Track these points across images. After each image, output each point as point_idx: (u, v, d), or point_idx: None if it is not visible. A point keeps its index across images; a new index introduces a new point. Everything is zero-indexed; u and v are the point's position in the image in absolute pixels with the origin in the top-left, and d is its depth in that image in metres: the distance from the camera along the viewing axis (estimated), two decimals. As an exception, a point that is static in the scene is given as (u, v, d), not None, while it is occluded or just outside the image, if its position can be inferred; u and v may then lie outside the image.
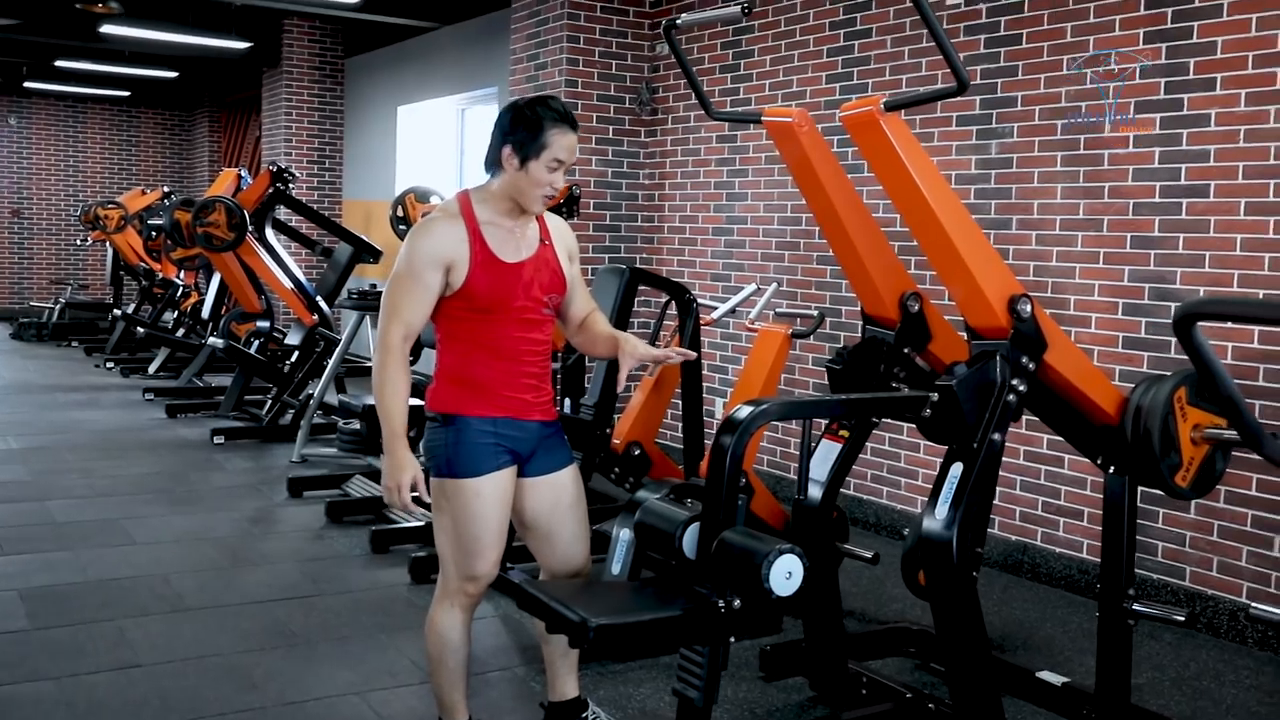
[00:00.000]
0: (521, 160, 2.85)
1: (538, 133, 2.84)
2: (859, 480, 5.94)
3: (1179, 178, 4.48)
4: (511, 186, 2.89)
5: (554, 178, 2.88)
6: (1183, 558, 4.51)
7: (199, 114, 16.17)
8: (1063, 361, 3.13)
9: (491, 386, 2.92)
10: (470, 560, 2.98)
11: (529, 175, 2.86)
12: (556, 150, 2.86)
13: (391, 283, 2.89)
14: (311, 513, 5.76)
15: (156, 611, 4.28)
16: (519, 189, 2.88)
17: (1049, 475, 5.00)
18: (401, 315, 2.87)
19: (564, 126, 2.87)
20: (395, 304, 2.87)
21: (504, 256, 2.90)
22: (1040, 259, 5.02)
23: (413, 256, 2.86)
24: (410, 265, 2.86)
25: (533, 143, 2.84)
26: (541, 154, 2.84)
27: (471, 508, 2.93)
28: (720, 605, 2.81)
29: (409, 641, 4.05)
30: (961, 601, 2.98)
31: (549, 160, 2.85)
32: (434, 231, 2.89)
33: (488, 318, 2.90)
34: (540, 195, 2.89)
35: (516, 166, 2.86)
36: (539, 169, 2.85)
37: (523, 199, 2.90)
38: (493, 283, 2.88)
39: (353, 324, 6.91)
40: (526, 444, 2.98)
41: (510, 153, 2.86)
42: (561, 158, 2.87)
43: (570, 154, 2.90)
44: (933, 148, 5.45)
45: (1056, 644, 4.25)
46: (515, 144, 2.85)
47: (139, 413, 8.56)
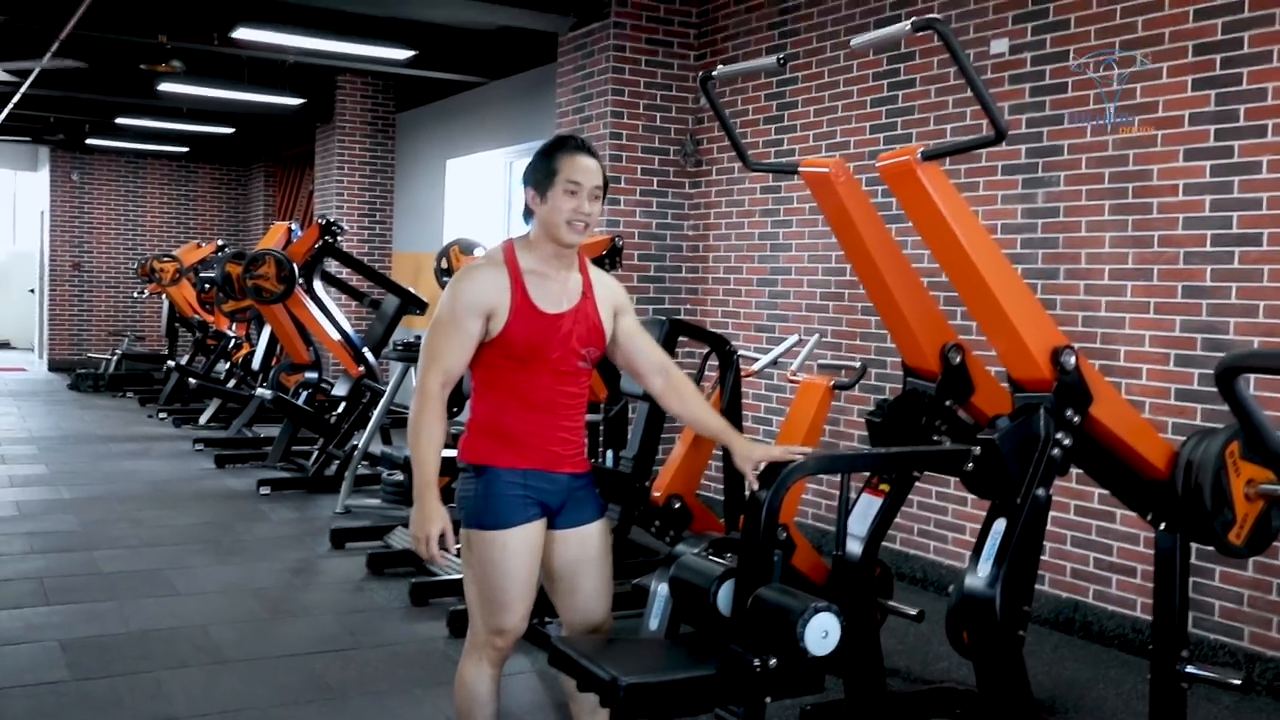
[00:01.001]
0: (541, 194, 2.87)
1: (548, 162, 2.88)
2: (905, 534, 5.83)
3: (1230, 226, 4.39)
4: (544, 224, 2.89)
5: (577, 202, 2.85)
6: (1241, 617, 4.36)
7: (254, 169, 16.48)
8: (1109, 414, 3.06)
9: (523, 438, 2.90)
10: (497, 614, 2.94)
11: (550, 205, 2.86)
12: (569, 172, 2.85)
13: (432, 329, 2.89)
14: (353, 564, 5.75)
15: (195, 663, 4.27)
16: (549, 223, 2.87)
17: (1100, 530, 4.88)
18: (441, 361, 2.86)
19: (574, 152, 2.89)
20: (435, 350, 2.87)
21: (544, 307, 2.89)
22: (1089, 309, 4.93)
23: (454, 302, 2.86)
24: (452, 311, 2.86)
25: (545, 173, 2.87)
26: (555, 180, 2.85)
27: (498, 560, 2.89)
28: (755, 665, 2.75)
29: (444, 697, 4.00)
30: (1006, 661, 2.89)
31: (565, 184, 2.84)
32: (476, 278, 2.89)
33: (524, 367, 2.88)
34: (566, 223, 2.85)
35: (539, 202, 2.88)
36: (558, 196, 2.84)
37: (554, 232, 2.87)
38: (531, 332, 2.86)
39: (397, 375, 6.94)
40: (556, 496, 2.95)
41: (532, 194, 2.90)
42: (578, 179, 2.85)
43: (587, 175, 2.87)
44: (978, 197, 5.40)
45: (1109, 706, 4.11)
46: (534, 182, 2.90)
47: (189, 463, 8.64)
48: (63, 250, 15.93)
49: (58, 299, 15.92)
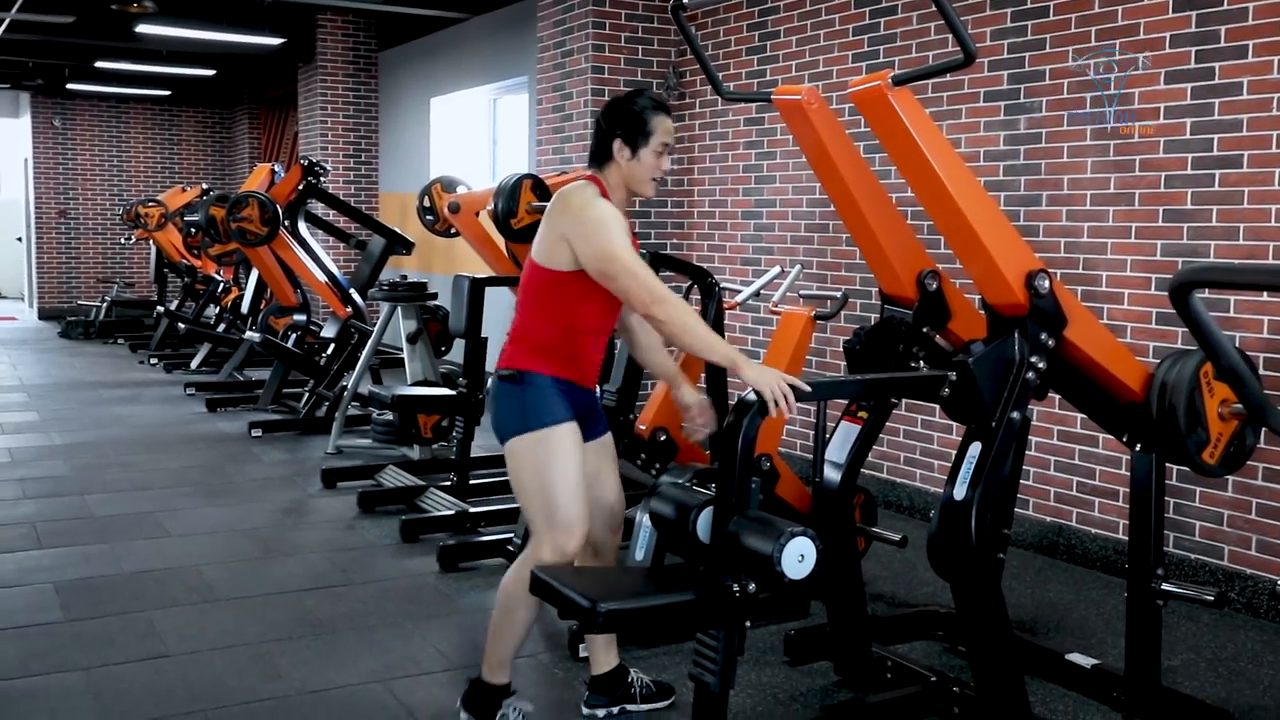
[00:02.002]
0: (633, 149, 3.06)
1: (643, 122, 3.07)
2: (891, 463, 5.88)
3: (1211, 149, 4.38)
4: (628, 176, 3.10)
5: (662, 162, 3.12)
6: (1221, 536, 4.42)
7: (238, 111, 16.33)
8: (1084, 337, 3.07)
9: (570, 354, 3.10)
10: (565, 508, 3.04)
11: (641, 162, 3.08)
12: (661, 134, 3.09)
13: (617, 246, 2.92)
14: (344, 503, 5.80)
15: (187, 603, 4.32)
16: (634, 177, 3.10)
17: (1083, 455, 4.92)
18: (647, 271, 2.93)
19: (662, 112, 3.11)
20: (638, 266, 2.92)
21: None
22: (1071, 235, 4.93)
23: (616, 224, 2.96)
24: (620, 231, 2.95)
25: (640, 130, 3.06)
26: (651, 139, 3.07)
27: (557, 453, 3.03)
28: (735, 590, 2.79)
29: (435, 630, 4.06)
30: (981, 582, 2.93)
31: (657, 145, 3.08)
32: (616, 212, 3.02)
33: (603, 296, 3.04)
34: (651, 180, 3.12)
35: (629, 157, 3.08)
36: (649, 155, 3.08)
37: (637, 186, 3.12)
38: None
39: (385, 315, 6.94)
40: (582, 408, 3.14)
41: (620, 145, 3.08)
42: (667, 140, 3.11)
43: (671, 136, 3.14)
44: (961, 124, 5.37)
45: (1090, 626, 4.18)
46: (624, 135, 3.07)
47: (180, 407, 8.66)
48: (48, 198, 15.83)
49: (45, 247, 15.85)
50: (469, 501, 5.61)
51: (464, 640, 4.00)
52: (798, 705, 3.47)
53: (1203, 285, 1.82)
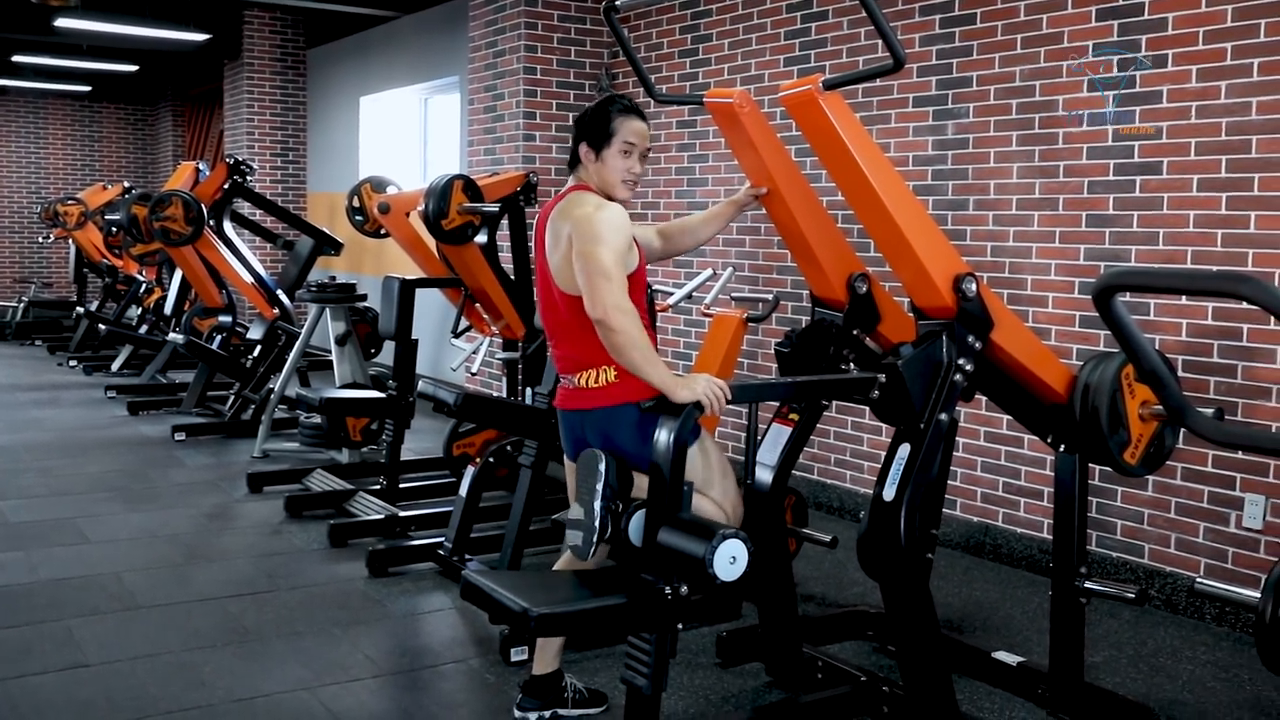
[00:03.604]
0: (596, 151, 3.10)
1: (605, 122, 3.10)
2: (822, 465, 5.92)
3: (1132, 155, 4.47)
4: (599, 180, 3.12)
5: (629, 163, 3.11)
6: (1141, 535, 4.51)
7: (161, 108, 16.00)
8: (1010, 340, 3.12)
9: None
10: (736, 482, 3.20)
11: (605, 164, 3.10)
12: (625, 134, 3.09)
13: (599, 254, 2.89)
14: (270, 508, 5.70)
15: (107, 610, 4.22)
16: (604, 180, 3.11)
17: (1009, 456, 5.00)
18: (623, 280, 2.90)
19: (629, 115, 3.12)
20: (616, 273, 2.89)
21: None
22: (997, 239, 5.00)
23: (619, 233, 2.95)
24: (620, 240, 2.94)
25: (602, 132, 3.09)
26: (612, 141, 3.08)
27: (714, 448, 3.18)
28: (666, 592, 2.79)
29: (364, 636, 4.01)
30: (910, 583, 2.96)
31: (620, 145, 3.09)
32: (625, 215, 3.04)
33: (641, 301, 3.06)
34: (621, 181, 3.12)
35: (594, 159, 3.11)
36: (613, 156, 3.09)
37: (610, 190, 3.12)
38: (642, 269, 3.11)
39: (313, 317, 6.84)
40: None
41: (586, 148, 3.12)
42: (632, 140, 3.10)
43: (640, 138, 3.12)
44: (890, 129, 5.43)
45: (1016, 624, 4.24)
46: (588, 138, 3.11)
47: (100, 411, 8.46)
48: (-38, 195, 15.39)
49: (-41, 246, 15.41)
50: (399, 505, 5.55)
51: (394, 646, 3.95)
52: (729, 706, 3.47)
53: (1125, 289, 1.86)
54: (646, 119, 3.19)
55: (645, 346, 2.87)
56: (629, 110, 3.13)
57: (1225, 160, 4.19)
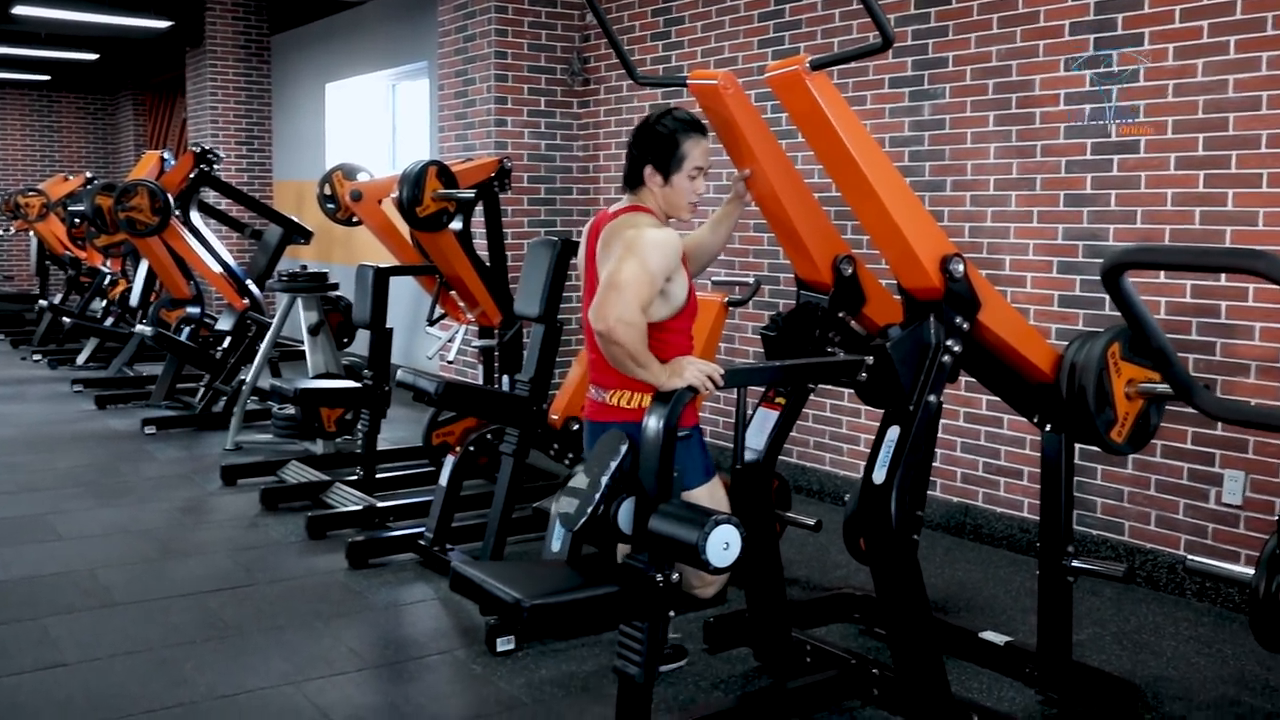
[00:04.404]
0: (665, 176, 3.03)
1: (674, 146, 3.02)
2: (801, 448, 5.92)
3: (1109, 134, 4.47)
4: (664, 202, 3.06)
5: (696, 185, 3.07)
6: (1121, 513, 4.53)
7: (122, 97, 15.76)
8: (997, 320, 3.11)
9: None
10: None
11: (674, 188, 3.04)
12: (695, 159, 3.04)
13: (624, 266, 2.84)
14: (246, 500, 5.63)
15: (83, 608, 4.15)
16: (670, 203, 3.06)
17: (989, 436, 5.01)
18: (643, 304, 2.83)
19: (696, 135, 3.04)
20: (633, 287, 2.82)
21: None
22: (975, 220, 5.00)
23: (662, 254, 2.88)
24: (659, 261, 2.87)
25: (672, 156, 3.01)
26: (683, 165, 3.02)
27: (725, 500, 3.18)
28: (659, 580, 2.76)
29: (346, 628, 3.96)
30: (901, 565, 2.95)
31: (690, 170, 3.03)
32: (676, 240, 2.95)
33: (689, 331, 3.10)
34: (688, 204, 3.08)
35: (661, 183, 3.04)
36: (682, 180, 3.04)
37: (675, 212, 3.08)
38: (693, 295, 3.09)
39: (284, 307, 6.75)
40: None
41: (652, 171, 3.04)
42: (701, 165, 3.05)
43: (706, 159, 3.07)
44: (866, 111, 5.41)
45: (1000, 604, 4.25)
46: (655, 161, 3.03)
47: (67, 405, 8.33)
48: (-81, 187, 15.11)
49: (-83, 239, 15.14)
50: (376, 496, 5.49)
51: (377, 638, 3.91)
52: (719, 693, 3.46)
53: (1133, 267, 1.84)
54: (708, 133, 3.12)
55: (643, 355, 2.83)
56: (695, 129, 3.05)
57: (1203, 138, 4.20)
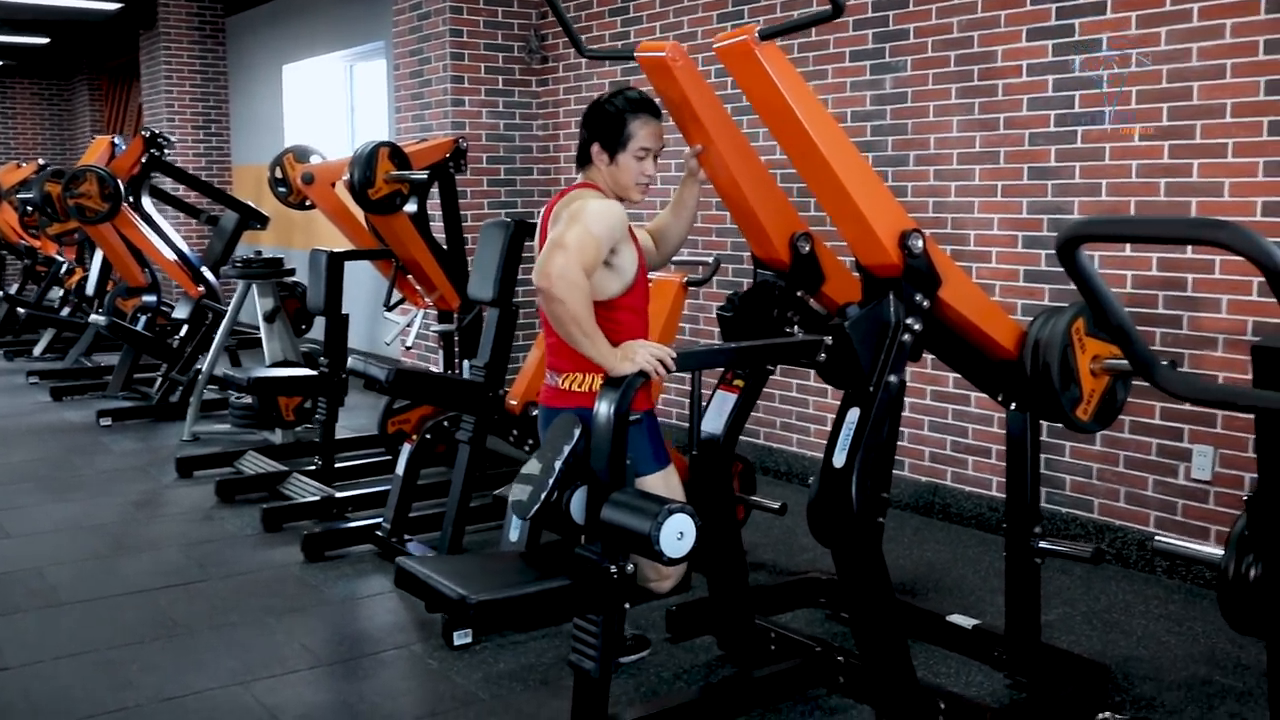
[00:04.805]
0: (611, 155, 2.99)
1: (620, 125, 2.98)
2: (768, 429, 5.84)
3: (1073, 105, 4.39)
4: (611, 182, 3.02)
5: (644, 166, 3.01)
6: (1090, 490, 4.48)
7: (77, 82, 15.47)
8: (958, 297, 3.02)
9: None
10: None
11: (620, 168, 3.00)
12: (641, 139, 2.99)
13: (568, 232, 2.75)
14: (201, 493, 5.50)
15: (28, 608, 4.02)
16: (617, 183, 3.02)
17: (956, 414, 4.94)
18: (587, 264, 2.75)
19: (645, 115, 2.99)
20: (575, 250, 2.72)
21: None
22: (939, 194, 4.92)
23: (605, 224, 2.82)
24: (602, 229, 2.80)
25: (617, 135, 2.97)
26: (628, 144, 2.98)
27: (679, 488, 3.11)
28: (613, 571, 2.67)
29: (299, 624, 3.86)
30: (863, 549, 2.87)
31: (636, 150, 2.99)
32: (619, 209, 2.90)
33: (643, 311, 3.05)
34: (636, 185, 3.02)
35: (607, 162, 3.00)
36: (628, 160, 2.99)
37: (622, 191, 3.03)
38: (644, 275, 3.04)
39: (240, 294, 6.61)
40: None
41: (599, 149, 3.00)
42: (648, 145, 3.00)
43: (656, 140, 3.02)
44: (827, 84, 5.32)
45: (969, 585, 4.19)
46: (601, 140, 2.99)
47: (22, 397, 8.15)
48: None
49: None
50: (335, 485, 5.38)
51: (331, 634, 3.80)
52: (681, 684, 3.37)
53: (1089, 240, 1.75)
54: (661, 115, 3.05)
55: (587, 322, 2.74)
56: (644, 108, 3.02)
57: (1166, 108, 4.13)
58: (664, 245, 3.33)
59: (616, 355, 2.73)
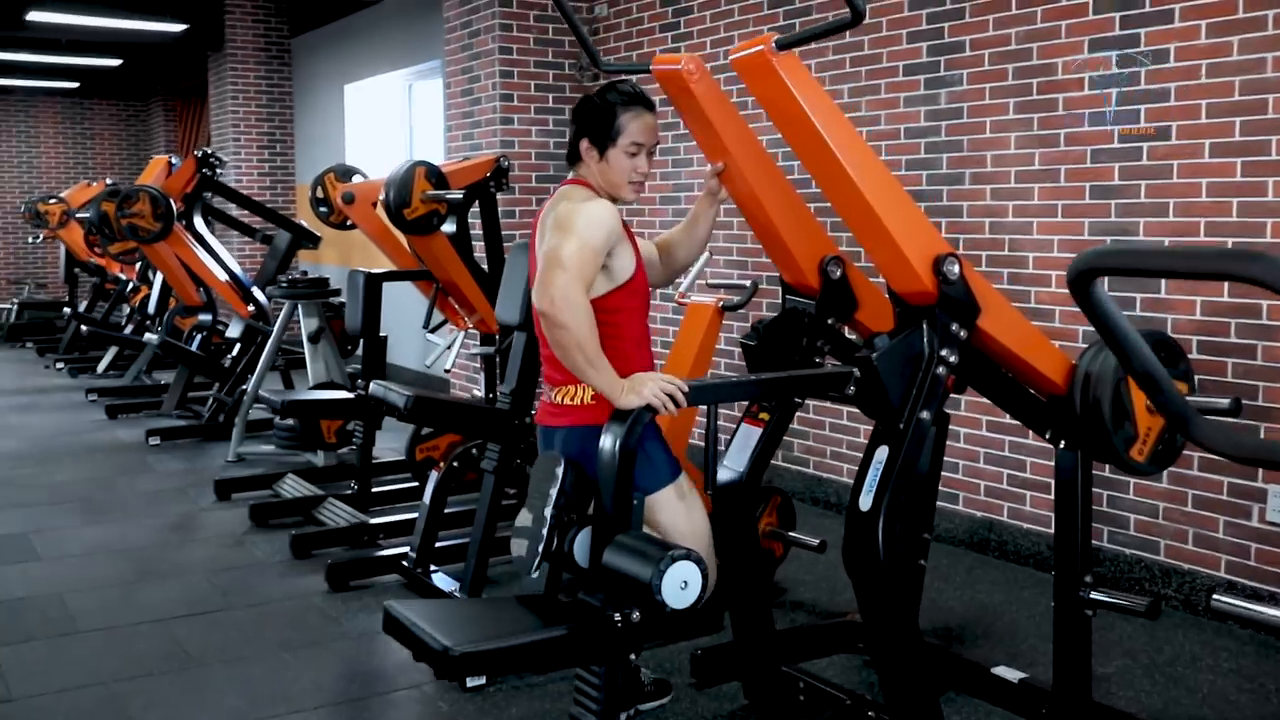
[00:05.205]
0: (600, 151, 2.83)
1: (610, 120, 2.81)
2: (818, 458, 5.60)
3: (1138, 120, 4.12)
4: (602, 179, 2.86)
5: (637, 162, 2.84)
6: (1156, 530, 4.18)
7: (153, 103, 15.74)
8: (1000, 326, 2.78)
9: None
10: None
11: (611, 165, 2.83)
12: (632, 134, 2.82)
13: (562, 245, 2.61)
14: (236, 517, 5.42)
15: (43, 636, 3.94)
16: (608, 180, 2.85)
17: (1013, 446, 4.67)
18: (584, 280, 2.63)
19: (636, 108, 2.83)
20: (575, 266, 2.60)
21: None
22: (996, 214, 4.66)
23: (597, 228, 2.68)
24: (595, 236, 2.67)
25: (607, 131, 2.81)
26: (619, 140, 2.81)
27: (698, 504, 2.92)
28: (616, 619, 2.49)
29: (313, 660, 3.72)
30: (891, 602, 2.64)
31: (627, 146, 2.82)
32: (611, 211, 2.75)
33: (643, 311, 2.91)
34: (628, 183, 2.85)
35: (597, 158, 2.84)
36: (619, 156, 2.82)
37: (614, 190, 2.86)
38: (643, 275, 2.89)
39: (285, 314, 6.55)
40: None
41: (588, 145, 2.84)
42: (640, 140, 2.83)
43: (649, 135, 2.84)
44: (879, 100, 5.09)
45: (1021, 631, 3.92)
46: (591, 136, 2.83)
47: (79, 415, 8.20)
48: (-44, 196, 15.18)
49: (-46, 248, 15.20)
50: (371, 511, 5.26)
51: (345, 670, 3.66)
52: (702, 735, 3.17)
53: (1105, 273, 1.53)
54: (655, 108, 2.89)
55: (592, 348, 2.58)
56: (636, 102, 2.85)
57: (1239, 122, 3.84)
58: (669, 262, 3.15)
59: (622, 387, 2.56)
